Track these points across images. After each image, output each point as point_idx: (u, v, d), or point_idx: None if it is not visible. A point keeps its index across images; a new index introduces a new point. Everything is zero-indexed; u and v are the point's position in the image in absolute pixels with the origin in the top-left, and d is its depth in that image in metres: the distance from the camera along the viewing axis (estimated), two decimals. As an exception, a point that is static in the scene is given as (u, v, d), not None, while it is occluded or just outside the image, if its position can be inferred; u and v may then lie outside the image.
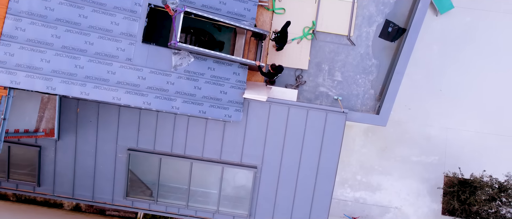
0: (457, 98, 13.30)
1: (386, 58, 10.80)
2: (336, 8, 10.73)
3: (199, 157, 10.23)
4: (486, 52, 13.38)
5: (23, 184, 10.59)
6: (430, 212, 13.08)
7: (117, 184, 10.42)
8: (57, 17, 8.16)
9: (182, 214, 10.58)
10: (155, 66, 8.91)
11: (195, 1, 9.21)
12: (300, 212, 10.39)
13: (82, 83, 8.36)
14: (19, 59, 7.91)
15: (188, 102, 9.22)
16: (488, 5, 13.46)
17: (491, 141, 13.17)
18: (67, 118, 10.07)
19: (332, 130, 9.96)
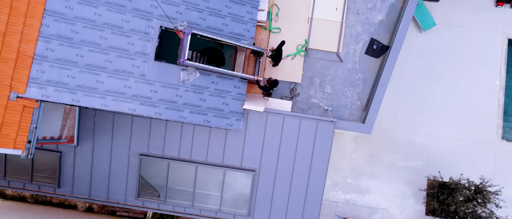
0: (439, 108, 14.50)
1: (371, 72, 12.01)
2: (326, 28, 11.98)
3: (203, 161, 11.41)
4: (465, 66, 14.61)
5: (45, 186, 11.74)
6: (415, 213, 14.21)
7: (129, 186, 11.58)
8: (81, 39, 9.39)
9: (188, 213, 11.72)
10: (166, 81, 10.12)
11: (201, 23, 10.46)
12: (294, 211, 11.53)
13: (102, 96, 9.57)
14: (49, 75, 9.12)
15: (194, 113, 10.42)
16: (466, 22, 14.73)
17: (470, 147, 14.35)
18: (86, 126, 11.27)
19: (322, 137, 11.15)
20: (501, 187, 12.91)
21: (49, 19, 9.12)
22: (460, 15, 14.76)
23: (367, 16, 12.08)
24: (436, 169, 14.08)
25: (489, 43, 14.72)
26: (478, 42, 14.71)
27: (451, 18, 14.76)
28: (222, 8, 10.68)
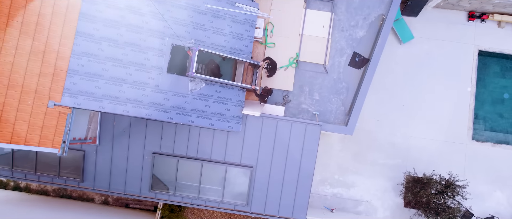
0: (416, 112, 16.30)
1: (353, 82, 13.81)
2: (314, 43, 13.77)
3: (208, 158, 13.20)
4: (440, 74, 16.42)
5: (70, 180, 13.51)
6: (394, 205, 16.01)
7: (143, 180, 13.36)
8: (106, 56, 11.17)
9: (194, 204, 13.51)
10: (176, 90, 11.90)
11: (206, 40, 12.24)
12: (286, 202, 13.31)
13: (124, 104, 11.35)
14: (80, 87, 10.89)
15: (201, 117, 12.20)
16: (442, 35, 16.54)
17: (443, 147, 16.15)
18: (106, 128, 13.06)
19: (310, 138, 12.94)
20: (467, 182, 14.74)
21: (80, 39, 10.90)
22: (436, 29, 16.56)
23: (350, 33, 13.88)
24: (414, 166, 15.87)
25: (461, 54, 16.53)
26: (452, 53, 16.52)
27: (428, 31, 16.55)
28: (224, 27, 12.47)
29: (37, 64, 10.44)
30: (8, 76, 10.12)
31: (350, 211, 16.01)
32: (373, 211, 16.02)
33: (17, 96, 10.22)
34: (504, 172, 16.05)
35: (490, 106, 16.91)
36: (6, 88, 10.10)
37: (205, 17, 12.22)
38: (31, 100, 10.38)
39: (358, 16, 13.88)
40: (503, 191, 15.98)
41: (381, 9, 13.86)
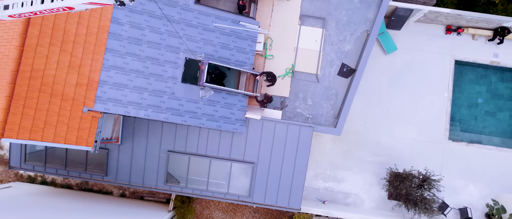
0: (399, 115, 18.32)
1: (342, 89, 15.84)
2: (308, 55, 15.82)
3: (215, 156, 15.23)
4: (421, 81, 18.42)
5: (95, 174, 15.54)
6: (379, 197, 18.04)
7: (159, 174, 15.39)
8: (130, 68, 13.20)
9: (204, 195, 15.54)
10: (189, 97, 13.94)
11: (214, 54, 14.28)
12: (283, 193, 15.35)
13: (145, 109, 13.38)
14: (109, 95, 12.92)
15: (210, 120, 14.25)
16: (422, 47, 18.55)
17: (423, 146, 18.17)
18: (127, 129, 15.09)
19: (304, 139, 14.98)
20: (442, 176, 16.79)
21: (109, 54, 12.94)
22: (417, 41, 18.57)
23: (339, 46, 15.93)
24: (397, 163, 17.89)
25: (440, 63, 18.54)
26: (431, 63, 18.54)
27: (410, 43, 18.57)
28: (229, 43, 14.51)
29: (74, 76, 12.49)
30: (51, 87, 12.16)
31: (340, 202, 18.04)
32: (361, 202, 18.05)
33: (58, 103, 12.26)
34: (476, 168, 18.07)
35: (465, 110, 18.94)
36: (50, 97, 12.13)
37: (214, 34, 14.27)
38: (69, 107, 12.42)
39: (346, 31, 15.93)
40: (476, 185, 18.01)
41: (366, 25, 15.91)
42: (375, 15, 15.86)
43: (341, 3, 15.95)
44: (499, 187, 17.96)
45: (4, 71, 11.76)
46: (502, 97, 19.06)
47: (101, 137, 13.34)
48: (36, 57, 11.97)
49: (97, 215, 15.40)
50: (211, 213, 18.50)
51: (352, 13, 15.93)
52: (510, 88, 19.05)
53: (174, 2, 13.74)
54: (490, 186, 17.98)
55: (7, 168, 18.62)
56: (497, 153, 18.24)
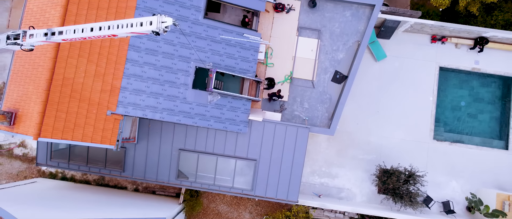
0: (388, 117, 20.07)
1: (335, 94, 17.61)
2: (304, 63, 17.59)
3: (221, 153, 17.01)
4: (408, 86, 20.16)
5: (113, 170, 17.32)
6: (370, 192, 19.80)
7: (171, 170, 17.16)
8: (148, 76, 14.98)
9: (211, 189, 17.31)
10: (199, 101, 15.71)
11: (221, 63, 16.05)
12: (282, 187, 17.10)
13: (160, 112, 15.16)
14: (129, 100, 14.69)
15: (217, 122, 16.02)
16: (409, 54, 20.29)
17: (410, 145, 19.92)
18: (143, 130, 16.87)
19: (301, 139, 16.76)
20: (425, 172, 18.57)
21: (129, 64, 14.73)
22: (405, 49, 20.32)
23: (332, 55, 17.70)
24: (386, 161, 19.65)
25: (425, 69, 20.29)
26: (417, 69, 20.29)
27: (398, 51, 20.32)
28: (234, 53, 16.28)
29: (99, 83, 14.28)
30: (80, 93, 13.95)
31: (334, 197, 19.81)
32: (353, 196, 19.82)
33: (86, 107, 14.05)
34: (458, 165, 19.82)
35: (449, 112, 20.71)
36: (78, 102, 13.92)
37: (220, 45, 16.05)
38: (95, 110, 14.21)
39: (339, 42, 17.70)
40: (458, 181, 19.77)
41: (357, 36, 17.69)
42: (365, 27, 17.63)
43: (334, 16, 17.72)
44: (479, 182, 19.72)
45: (39, 80, 13.57)
46: (483, 101, 20.82)
47: (122, 136, 15.13)
48: (67, 67, 13.77)
49: (114, 206, 17.17)
50: (217, 206, 20.27)
51: (345, 25, 17.71)
52: (490, 92, 20.81)
53: (185, 17, 15.52)
54: (470, 181, 19.74)
55: (30, 165, 20.39)
56: (477, 152, 20.00)
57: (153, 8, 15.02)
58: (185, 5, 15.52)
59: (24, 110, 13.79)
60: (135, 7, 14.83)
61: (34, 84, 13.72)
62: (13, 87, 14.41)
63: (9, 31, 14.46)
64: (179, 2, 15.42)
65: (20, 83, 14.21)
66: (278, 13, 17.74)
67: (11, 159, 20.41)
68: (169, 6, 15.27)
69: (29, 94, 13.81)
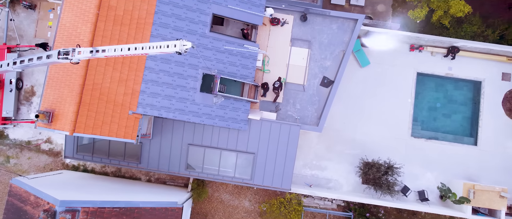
0: (372, 116, 22.75)
1: (323, 96, 20.31)
2: (297, 70, 20.29)
3: (225, 147, 19.70)
4: (389, 90, 22.84)
5: (131, 162, 20.01)
6: (355, 182, 22.48)
7: (181, 162, 19.86)
8: (163, 81, 17.69)
9: (215, 179, 20.01)
10: (206, 103, 18.42)
11: (224, 70, 18.75)
12: (277, 177, 19.77)
13: (173, 112, 17.87)
14: (147, 101, 17.40)
15: (221, 120, 18.72)
16: (390, 61, 22.96)
17: (391, 141, 22.60)
18: (157, 127, 19.57)
19: (293, 135, 19.45)
20: (402, 165, 21.26)
21: (147, 71, 17.44)
22: (386, 57, 23.00)
23: (321, 63, 20.40)
24: (369, 155, 22.31)
25: (404, 75, 22.97)
26: (397, 74, 22.97)
27: (380, 58, 23.00)
28: (236, 61, 18.97)
29: (122, 88, 17.00)
30: (107, 95, 16.66)
31: (323, 186, 22.50)
32: (340, 186, 22.51)
33: (112, 108, 16.76)
34: (433, 159, 22.48)
35: (426, 112, 23.40)
36: (106, 103, 16.64)
37: (224, 54, 18.76)
38: (119, 110, 16.93)
39: (327, 51, 20.40)
40: (432, 173, 22.43)
41: (342, 46, 20.39)
42: (350, 38, 20.33)
43: (323, 29, 20.43)
44: (451, 174, 22.40)
45: (73, 85, 16.29)
46: (456, 102, 23.52)
47: (140, 132, 17.84)
48: (96, 74, 16.49)
49: (132, 193, 19.87)
50: (220, 195, 22.98)
51: (332, 37, 20.41)
52: (462, 95, 23.50)
53: (194, 31, 18.24)
54: (443, 173, 22.43)
55: (55, 159, 23.11)
56: (450, 147, 22.68)
57: (167, 24, 17.75)
58: (194, 21, 18.24)
59: (60, 109, 16.51)
60: (152, 23, 17.55)
61: (68, 89, 16.44)
62: (49, 91, 17.13)
63: (55, 46, 17.04)
64: (189, 18, 18.14)
65: (56, 88, 16.92)
66: (274, 26, 20.44)
67: (38, 153, 23.14)
68: (180, 22, 17.99)
69: (64, 97, 16.53)
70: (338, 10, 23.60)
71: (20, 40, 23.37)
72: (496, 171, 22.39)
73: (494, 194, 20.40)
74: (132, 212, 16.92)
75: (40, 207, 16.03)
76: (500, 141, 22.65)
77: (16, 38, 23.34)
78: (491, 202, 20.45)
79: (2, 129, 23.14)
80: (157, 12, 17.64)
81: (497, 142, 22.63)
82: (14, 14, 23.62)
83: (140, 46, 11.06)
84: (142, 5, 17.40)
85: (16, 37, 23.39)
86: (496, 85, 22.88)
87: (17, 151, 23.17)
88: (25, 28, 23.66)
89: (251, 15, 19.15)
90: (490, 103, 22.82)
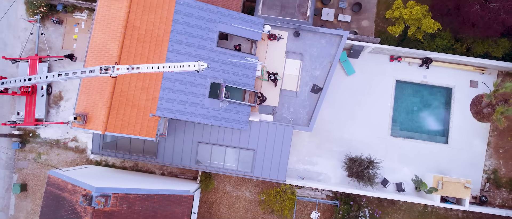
0: (356, 118, 26.14)
1: (313, 101, 23.71)
2: (290, 78, 23.69)
3: (229, 145, 23.09)
4: (371, 95, 26.23)
5: (149, 158, 23.39)
6: (341, 175, 25.86)
7: (192, 157, 23.24)
8: (177, 89, 21.09)
9: (221, 171, 23.40)
10: (213, 107, 21.82)
11: (229, 79, 22.15)
12: (274, 170, 23.16)
13: (186, 115, 21.26)
14: (164, 106, 20.79)
15: (226, 122, 22.11)
16: (373, 70, 26.36)
17: (373, 140, 25.99)
18: (171, 127, 22.97)
19: (287, 134, 22.84)
20: (381, 160, 24.65)
21: (164, 81, 20.84)
22: (369, 66, 26.39)
23: (311, 72, 23.81)
24: (354, 152, 25.67)
25: (385, 82, 26.37)
26: (379, 82, 26.36)
27: (364, 68, 26.40)
28: (239, 72, 22.38)
29: (144, 94, 20.41)
30: (132, 101, 20.07)
31: (314, 179, 25.87)
32: (328, 179, 25.88)
33: (135, 111, 20.17)
34: (409, 156, 25.86)
35: (404, 114, 26.79)
36: (131, 107, 20.05)
37: (228, 66, 22.17)
38: (142, 113, 20.34)
39: (316, 62, 23.81)
40: (408, 167, 25.81)
41: (329, 58, 23.80)
42: (336, 51, 23.73)
43: (313, 43, 23.85)
44: (425, 168, 25.79)
45: (105, 92, 19.70)
46: (430, 106, 26.91)
47: (158, 132, 21.26)
48: (123, 83, 19.90)
49: (148, 183, 23.23)
50: (225, 187, 26.36)
51: (320, 50, 23.82)
52: (436, 100, 26.90)
53: (203, 46, 21.64)
54: (418, 168, 25.82)
55: (81, 155, 26.47)
56: (424, 145, 26.07)
57: (181, 41, 21.16)
58: (203, 38, 21.65)
59: (93, 113, 19.91)
60: (169, 40, 20.96)
61: (100, 95, 19.84)
62: (83, 97, 20.52)
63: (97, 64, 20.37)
64: (199, 36, 21.56)
65: (89, 94, 20.32)
66: (271, 41, 23.86)
67: (66, 150, 26.53)
68: (192, 39, 21.41)
69: (96, 102, 19.94)
70: (328, 25, 27.04)
71: (49, 51, 26.75)
72: (464, 166, 25.80)
73: (460, 185, 23.79)
74: (152, 198, 20.31)
75: (77, 193, 19.41)
76: (468, 140, 26.05)
77: (46, 49, 26.71)
78: (457, 192, 23.85)
79: (34, 129, 26.53)
80: (173, 31, 21.05)
81: (465, 140, 26.03)
82: (44, 28, 27.00)
83: (167, 65, 14.47)
84: (160, 25, 20.82)
85: (46, 49, 26.76)
86: (464, 91, 26.29)
87: (47, 148, 26.55)
88: (53, 41, 27.04)
89: (251, 32, 22.57)
90: (459, 107, 26.23)
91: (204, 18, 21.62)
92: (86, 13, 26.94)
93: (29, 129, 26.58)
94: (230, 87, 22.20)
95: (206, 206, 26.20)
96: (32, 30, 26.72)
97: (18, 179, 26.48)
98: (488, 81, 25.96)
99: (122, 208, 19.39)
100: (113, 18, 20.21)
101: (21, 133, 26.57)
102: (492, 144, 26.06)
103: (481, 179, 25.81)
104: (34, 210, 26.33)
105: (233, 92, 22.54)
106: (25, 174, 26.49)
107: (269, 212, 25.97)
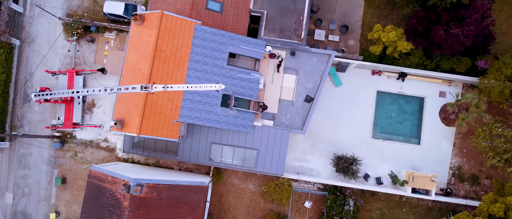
0: (343, 123, 31.03)
1: (306, 109, 28.62)
2: (288, 90, 28.61)
3: (236, 145, 28.00)
4: (356, 103, 31.11)
5: (170, 155, 28.30)
6: (330, 171, 30.74)
7: (206, 155, 28.15)
8: (196, 100, 26.02)
9: (230, 167, 28.31)
10: (224, 114, 26.75)
11: (237, 91, 27.07)
12: (274, 166, 28.05)
13: (202, 120, 26.18)
14: (185, 113, 25.69)
15: (235, 126, 27.03)
16: (357, 83, 31.26)
17: (357, 141, 30.88)
18: (189, 130, 27.89)
19: (285, 136, 27.75)
20: (363, 158, 29.56)
21: (185, 93, 25.75)
22: (354, 79, 31.28)
23: (305, 85, 28.73)
24: (340, 151, 30.52)
25: (368, 92, 31.26)
26: (362, 92, 31.25)
27: (350, 80, 31.28)
28: (245, 85, 27.30)
29: (169, 104, 25.36)
30: (160, 109, 25.02)
31: (307, 174, 30.76)
32: (319, 174, 30.78)
33: (163, 118, 25.12)
34: (388, 154, 30.73)
35: (384, 120, 31.66)
36: (159, 115, 25.00)
37: (236, 80, 27.11)
38: (168, 119, 25.29)
39: (309, 77, 28.73)
40: (387, 164, 30.69)
41: (320, 73, 28.71)
42: (325, 67, 28.64)
43: (306, 61, 28.77)
44: (400, 165, 30.70)
45: (138, 102, 24.64)
46: (407, 113, 31.80)
47: (180, 134, 26.19)
48: (153, 95, 24.84)
49: (169, 176, 28.13)
50: (232, 180, 31.27)
51: (312, 67, 28.73)
52: (411, 107, 31.78)
53: (216, 64, 26.57)
54: (395, 165, 30.71)
55: (111, 154, 31.36)
56: (401, 146, 30.98)
57: (198, 60, 26.09)
58: (216, 57, 26.58)
59: (128, 119, 24.84)
60: (188, 60, 25.89)
61: (134, 105, 24.77)
62: (119, 106, 25.44)
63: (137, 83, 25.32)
64: (213, 56, 26.50)
65: (124, 104, 25.23)
66: (272, 59, 28.78)
67: (98, 149, 31.46)
68: (207, 58, 26.34)
69: (131, 110, 24.87)
70: (320, 44, 31.96)
71: (84, 66, 31.67)
72: (433, 163, 30.71)
73: (427, 179, 28.71)
74: (176, 187, 25.24)
75: (117, 183, 24.34)
76: (437, 141, 30.97)
77: (81, 64, 31.64)
78: (425, 184, 28.76)
79: (72, 131, 31.46)
80: (192, 52, 25.99)
81: (435, 142, 30.94)
82: (79, 46, 31.93)
83: (194, 86, 19.39)
84: (182, 48, 25.75)
85: (81, 63, 31.68)
86: (434, 100, 31.19)
87: (82, 147, 31.49)
88: (87, 57, 31.96)
89: (255, 52, 27.50)
90: (430, 114, 31.12)
91: (217, 42, 26.55)
92: (115, 33, 31.86)
93: (67, 131, 31.50)
94: (238, 98, 27.10)
95: (217, 197, 31.12)
96: (70, 47, 31.62)
97: (58, 174, 31.41)
98: (455, 92, 30.87)
99: (153, 195, 24.33)
100: (144, 43, 25.14)
101: (61, 135, 31.50)
102: (457, 145, 30.97)
103: (447, 174, 30.70)
104: (71, 200, 31.27)
105: (240, 102, 27.44)
106: (64, 169, 31.42)
107: (269, 201, 30.88)
